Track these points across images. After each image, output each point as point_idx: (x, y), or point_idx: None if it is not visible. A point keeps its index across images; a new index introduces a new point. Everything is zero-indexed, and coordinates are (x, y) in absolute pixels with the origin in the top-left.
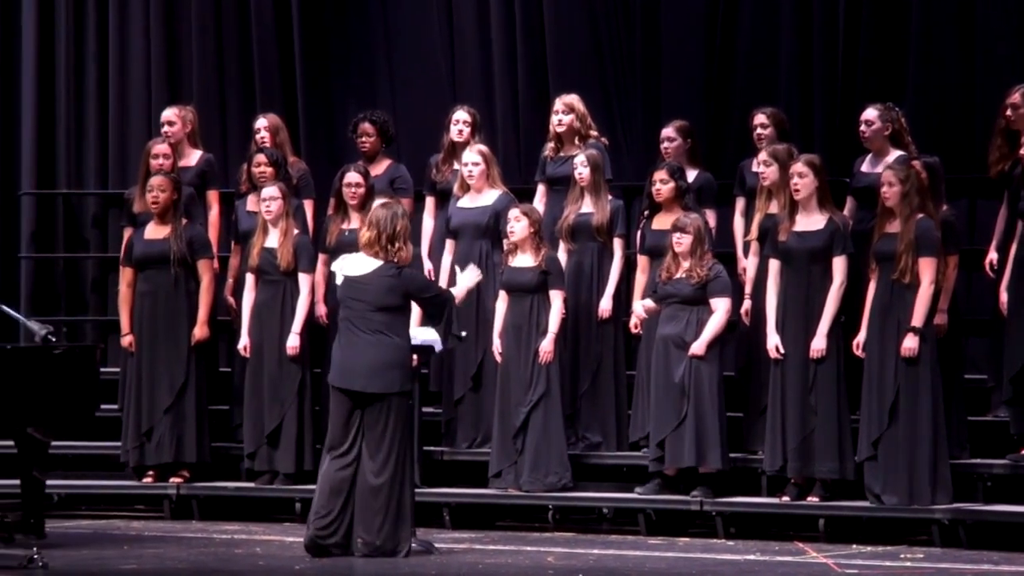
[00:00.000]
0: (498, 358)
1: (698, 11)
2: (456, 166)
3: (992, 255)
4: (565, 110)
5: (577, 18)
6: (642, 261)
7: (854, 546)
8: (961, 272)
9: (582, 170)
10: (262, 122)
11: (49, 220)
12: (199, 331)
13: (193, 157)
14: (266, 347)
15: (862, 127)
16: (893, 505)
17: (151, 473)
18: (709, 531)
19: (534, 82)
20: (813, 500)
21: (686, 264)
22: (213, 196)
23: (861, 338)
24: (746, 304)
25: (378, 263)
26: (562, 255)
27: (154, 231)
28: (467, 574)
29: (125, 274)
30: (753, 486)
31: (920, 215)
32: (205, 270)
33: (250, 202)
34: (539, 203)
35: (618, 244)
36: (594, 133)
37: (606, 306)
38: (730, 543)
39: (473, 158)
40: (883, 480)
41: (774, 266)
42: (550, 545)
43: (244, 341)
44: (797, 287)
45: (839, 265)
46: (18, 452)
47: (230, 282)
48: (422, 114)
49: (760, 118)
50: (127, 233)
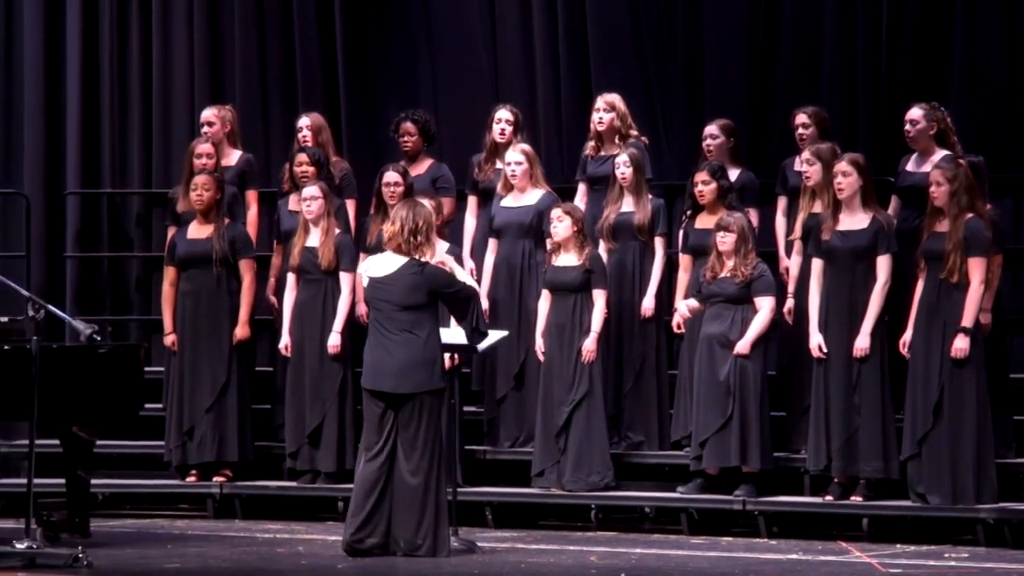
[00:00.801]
0: (541, 357)
1: (741, 9)
2: (498, 165)
3: None
4: (606, 108)
5: (619, 17)
6: (684, 260)
7: (898, 546)
8: (1005, 271)
9: (624, 169)
10: (304, 121)
11: (94, 220)
12: (240, 331)
13: (233, 157)
14: (307, 346)
15: (907, 127)
16: (937, 505)
17: (194, 472)
18: (752, 531)
19: (576, 81)
20: (857, 499)
21: (730, 263)
22: (252, 196)
23: (908, 337)
24: (789, 303)
25: (402, 262)
26: (602, 254)
27: (197, 230)
28: (509, 573)
29: (168, 273)
30: (796, 485)
31: (969, 215)
32: (247, 270)
33: (292, 201)
34: (580, 202)
35: (660, 243)
36: (634, 132)
37: (649, 305)
38: (773, 542)
39: (517, 158)
40: (927, 479)
41: (817, 265)
42: (593, 544)
43: (285, 340)
44: (840, 286)
45: (883, 264)
46: (63, 451)
47: (271, 281)
48: (464, 113)
49: (802, 117)
50: (171, 232)
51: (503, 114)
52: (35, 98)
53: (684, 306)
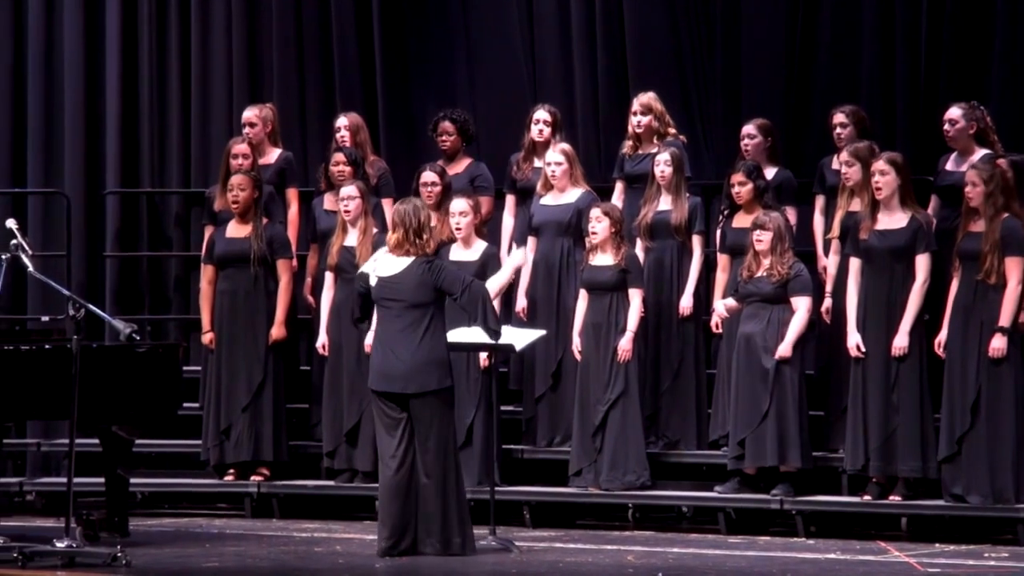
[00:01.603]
0: (577, 356)
1: (779, 8)
2: (537, 164)
3: None
4: (643, 111)
5: (657, 15)
6: (722, 260)
7: (937, 545)
8: None
9: (664, 168)
10: (343, 121)
11: (133, 219)
12: (276, 331)
13: (273, 155)
14: (345, 345)
15: (946, 126)
16: (977, 504)
17: (232, 471)
18: (789, 530)
19: (614, 80)
20: (895, 499)
21: (766, 262)
22: (292, 194)
23: (942, 337)
24: (827, 303)
25: (409, 260)
26: (639, 253)
27: (235, 230)
28: (547, 573)
29: (206, 272)
30: (834, 485)
31: (1005, 214)
32: (284, 270)
33: (327, 201)
34: (617, 200)
35: (697, 242)
36: (672, 131)
37: (686, 304)
38: (810, 542)
39: (556, 157)
40: (966, 479)
41: (855, 264)
42: (630, 544)
43: (323, 339)
44: (879, 285)
45: (922, 263)
46: (103, 450)
47: (308, 281)
48: (502, 112)
49: (839, 117)
50: (208, 231)
51: (541, 114)
52: (75, 99)
53: (722, 306)
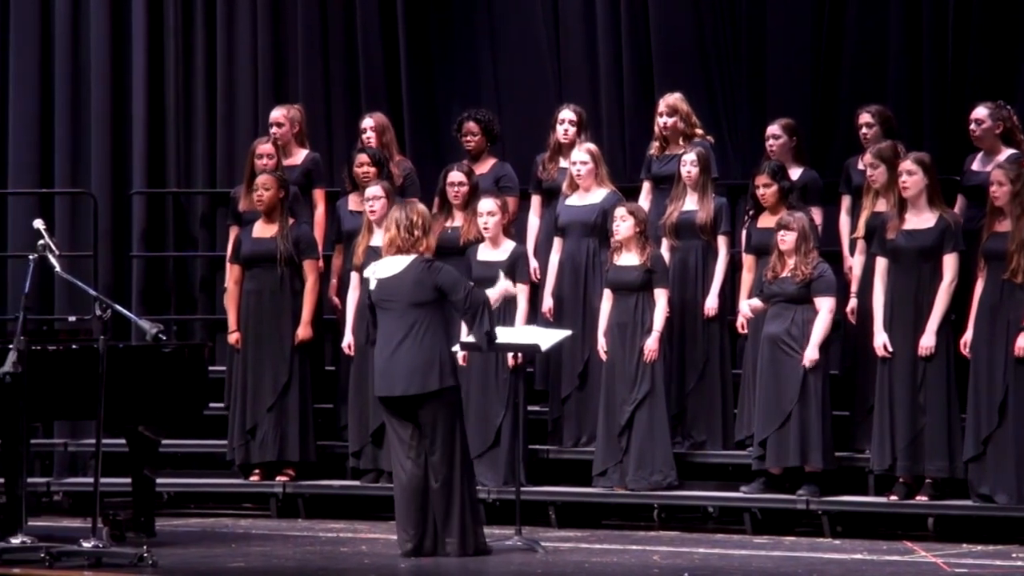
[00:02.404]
0: (603, 356)
1: (804, 6)
2: (562, 164)
3: None
4: (668, 111)
5: (682, 15)
6: (748, 260)
7: (964, 545)
8: None
9: (691, 168)
10: (368, 122)
11: (159, 219)
12: (302, 331)
13: (299, 156)
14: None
15: (972, 126)
16: (1004, 504)
17: (257, 471)
18: (815, 530)
19: (639, 79)
20: (922, 499)
21: (791, 262)
22: (319, 195)
23: (968, 337)
24: (852, 303)
25: (408, 260)
26: (665, 252)
27: (262, 230)
28: (573, 573)
29: (232, 271)
30: (860, 485)
31: None
32: (311, 270)
33: (352, 201)
34: (644, 201)
35: (723, 242)
36: (699, 131)
37: (712, 304)
38: (836, 542)
39: (582, 157)
40: (993, 479)
41: (882, 264)
42: (656, 544)
43: (349, 339)
44: (906, 285)
45: (950, 263)
46: (129, 451)
47: (334, 281)
48: (527, 112)
49: (865, 116)
50: (234, 231)
51: (567, 114)
52: (102, 100)
53: (747, 306)
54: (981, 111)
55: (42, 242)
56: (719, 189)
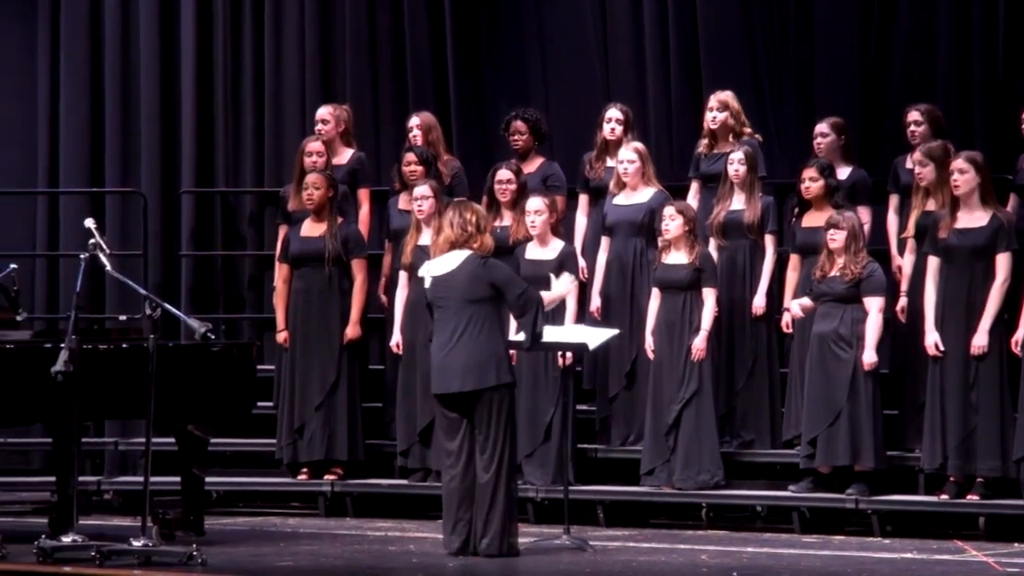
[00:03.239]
0: (651, 355)
1: (853, 4)
2: (609, 163)
3: None
4: (719, 107)
5: (730, 14)
6: (793, 259)
7: (1016, 545)
8: None
9: (739, 167)
10: (415, 121)
11: (208, 218)
12: (351, 330)
13: (345, 155)
14: (419, 345)
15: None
16: None
17: (305, 470)
18: (865, 529)
19: (687, 79)
20: (973, 498)
21: (840, 261)
22: (363, 194)
23: (1020, 335)
24: (902, 302)
25: (463, 257)
26: (712, 252)
27: (310, 228)
28: (621, 572)
29: (281, 270)
30: (910, 484)
31: None
32: (359, 269)
33: (401, 200)
34: (693, 200)
35: (770, 241)
36: (748, 130)
37: (759, 303)
38: (886, 541)
39: (629, 156)
40: None
41: (933, 263)
42: (704, 543)
43: (397, 338)
44: (958, 284)
45: (1003, 261)
46: (179, 449)
47: (382, 280)
48: (575, 112)
49: (914, 115)
50: (282, 230)
51: (614, 112)
52: (151, 100)
53: (796, 305)
54: None
55: (93, 241)
56: (766, 188)
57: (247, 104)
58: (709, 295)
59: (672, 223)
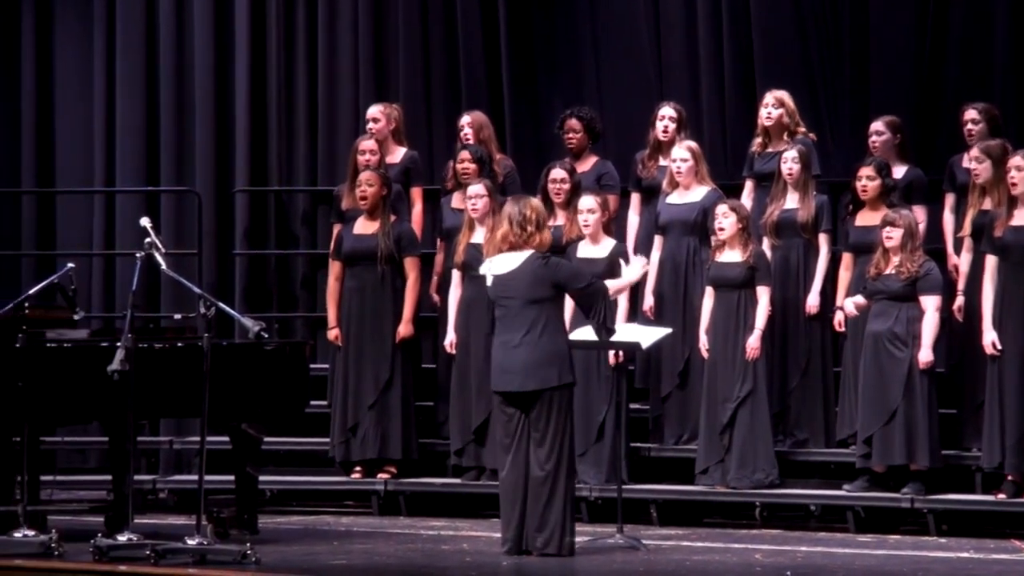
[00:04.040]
0: (704, 354)
1: (908, 3)
2: (662, 162)
3: None
4: (775, 104)
5: (784, 11)
6: (846, 258)
7: None
8: None
9: (792, 165)
10: (465, 119)
11: (261, 217)
12: (404, 329)
13: (398, 154)
14: (473, 343)
15: None
16: None
17: (358, 469)
18: (920, 528)
19: (740, 78)
20: None
21: (896, 260)
22: (416, 193)
23: None
24: (959, 301)
25: (524, 256)
26: (766, 250)
27: (363, 227)
28: (674, 571)
29: (334, 268)
30: (966, 483)
31: None
32: (412, 268)
33: (455, 199)
34: (747, 199)
35: (824, 240)
36: (802, 129)
37: (813, 302)
38: (942, 541)
39: (682, 154)
40: None
41: (991, 262)
42: (758, 542)
43: (451, 337)
44: (1016, 282)
45: None
46: (232, 448)
47: (435, 279)
48: (628, 110)
49: (971, 113)
50: (336, 229)
51: (667, 111)
52: (206, 100)
53: (850, 303)
54: None
55: (149, 240)
56: (820, 186)
57: (300, 103)
58: (763, 293)
59: (726, 221)
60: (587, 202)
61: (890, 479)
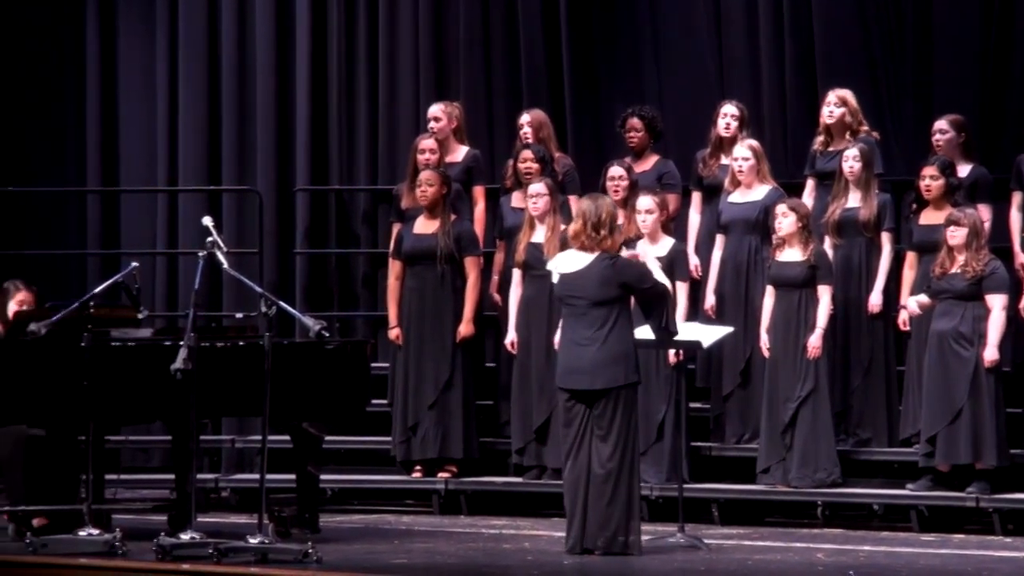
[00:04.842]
0: (766, 353)
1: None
2: (723, 161)
3: None
4: (838, 103)
5: (846, 10)
6: (910, 257)
7: None
8: None
9: (853, 164)
10: (525, 118)
11: (322, 216)
12: (464, 328)
13: (459, 153)
14: (534, 342)
15: None
16: None
17: (419, 468)
18: (985, 528)
19: (802, 76)
20: None
21: (961, 258)
22: (479, 192)
23: None
24: None
25: (592, 256)
26: (828, 250)
27: (424, 226)
28: (736, 570)
29: (394, 267)
30: None
31: None
32: (472, 267)
33: (515, 198)
34: (808, 197)
35: (886, 239)
36: (864, 127)
37: (876, 301)
38: (1008, 540)
39: (743, 153)
40: None
41: None
42: (820, 542)
43: (511, 336)
44: None
45: None
46: (294, 447)
47: (495, 278)
48: (689, 109)
49: None
50: (396, 228)
51: (728, 109)
52: (267, 100)
53: (914, 302)
54: None
55: (211, 239)
56: (883, 185)
57: (361, 102)
58: (824, 292)
59: (785, 220)
60: (645, 203)
61: (954, 478)
